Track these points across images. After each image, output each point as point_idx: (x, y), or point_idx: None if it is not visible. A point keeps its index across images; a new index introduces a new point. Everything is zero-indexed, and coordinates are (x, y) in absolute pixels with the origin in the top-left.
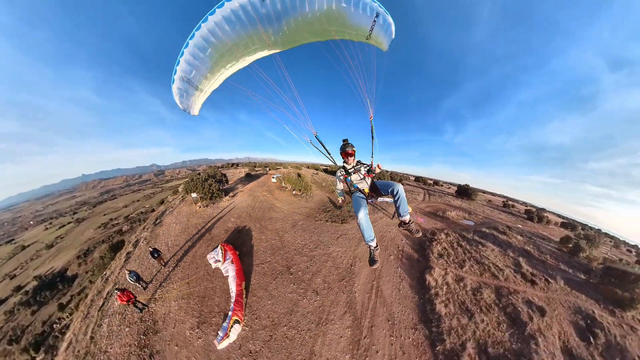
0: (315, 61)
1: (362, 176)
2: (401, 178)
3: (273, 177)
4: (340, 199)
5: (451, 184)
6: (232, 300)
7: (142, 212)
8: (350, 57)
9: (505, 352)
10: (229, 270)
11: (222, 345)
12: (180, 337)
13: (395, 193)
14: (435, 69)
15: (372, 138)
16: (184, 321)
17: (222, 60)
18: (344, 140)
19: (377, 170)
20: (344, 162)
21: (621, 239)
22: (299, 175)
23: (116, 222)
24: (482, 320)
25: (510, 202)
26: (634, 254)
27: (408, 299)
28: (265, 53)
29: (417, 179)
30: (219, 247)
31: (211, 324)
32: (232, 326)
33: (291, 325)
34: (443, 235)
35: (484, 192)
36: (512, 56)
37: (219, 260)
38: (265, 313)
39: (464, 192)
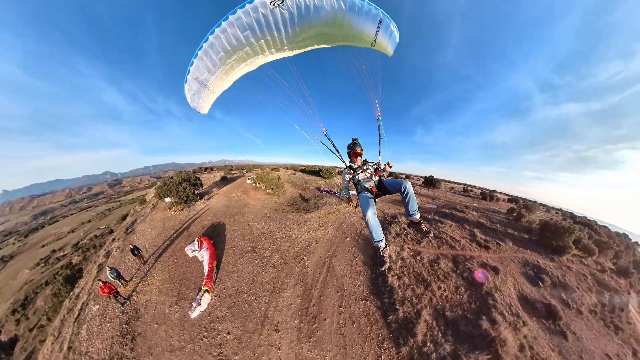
0: (318, 63)
1: (369, 175)
2: None
3: (248, 179)
4: (346, 198)
5: (421, 176)
6: (205, 276)
7: (96, 236)
8: (358, 62)
9: (465, 313)
10: (204, 255)
11: (195, 314)
12: (160, 316)
13: (403, 191)
14: (410, 81)
15: (380, 137)
16: (164, 302)
17: (233, 63)
18: (353, 139)
19: (388, 169)
20: (351, 161)
21: (550, 205)
22: (279, 177)
23: (62, 253)
24: (439, 288)
25: (469, 188)
26: (560, 214)
27: (360, 274)
28: (275, 57)
29: (391, 174)
30: (195, 240)
31: (187, 298)
32: (202, 295)
33: (251, 292)
34: (403, 218)
35: (448, 181)
36: (472, 76)
37: (196, 250)
38: (231, 283)
39: (430, 182)
